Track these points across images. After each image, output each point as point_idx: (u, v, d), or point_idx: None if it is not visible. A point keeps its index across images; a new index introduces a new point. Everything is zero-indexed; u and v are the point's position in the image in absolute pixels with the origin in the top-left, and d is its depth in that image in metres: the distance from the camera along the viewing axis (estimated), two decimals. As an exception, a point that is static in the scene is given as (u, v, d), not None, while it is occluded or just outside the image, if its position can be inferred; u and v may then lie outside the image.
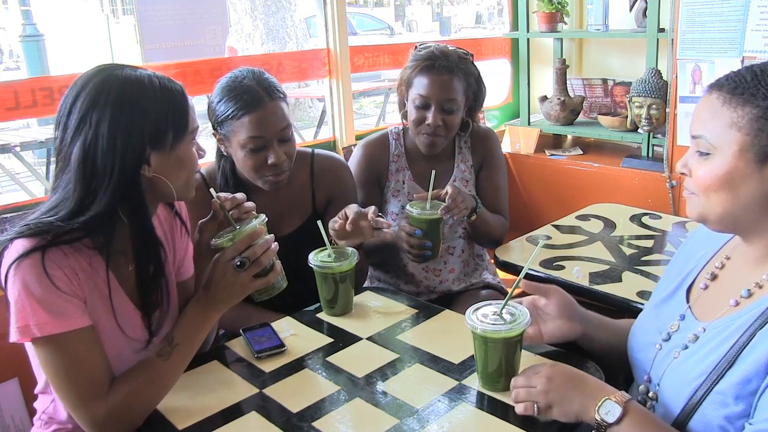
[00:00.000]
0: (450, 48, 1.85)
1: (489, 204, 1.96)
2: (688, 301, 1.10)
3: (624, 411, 0.95)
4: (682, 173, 1.02)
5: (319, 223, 1.48)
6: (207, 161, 1.76)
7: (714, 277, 1.08)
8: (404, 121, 1.95)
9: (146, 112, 1.09)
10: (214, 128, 1.60)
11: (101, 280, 1.14)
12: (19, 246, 1.06)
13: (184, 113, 1.15)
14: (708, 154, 0.95)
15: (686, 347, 1.02)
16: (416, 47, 1.89)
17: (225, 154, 1.63)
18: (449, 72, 1.79)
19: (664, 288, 1.18)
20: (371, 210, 1.47)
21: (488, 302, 1.17)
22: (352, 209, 1.49)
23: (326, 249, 1.47)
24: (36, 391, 1.30)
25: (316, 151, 1.80)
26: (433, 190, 1.66)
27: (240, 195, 1.28)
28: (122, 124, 1.08)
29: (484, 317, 1.12)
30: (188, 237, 1.39)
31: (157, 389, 1.12)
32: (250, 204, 1.29)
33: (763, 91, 0.91)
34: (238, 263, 1.14)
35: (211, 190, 1.26)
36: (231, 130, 1.54)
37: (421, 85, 1.80)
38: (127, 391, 1.09)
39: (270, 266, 1.20)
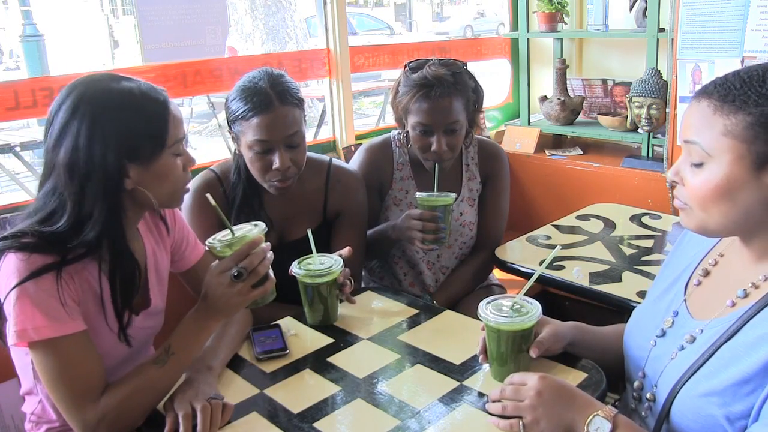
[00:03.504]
0: (441, 67, 1.75)
1: (485, 224, 1.96)
2: (684, 297, 1.09)
3: (613, 426, 0.95)
4: (674, 182, 1.00)
5: (321, 247, 1.49)
6: (223, 158, 1.77)
7: (707, 273, 1.08)
8: (404, 134, 1.88)
9: (120, 126, 1.10)
10: (228, 125, 1.61)
11: (94, 281, 1.16)
12: (19, 263, 1.07)
13: (162, 126, 1.14)
14: (702, 163, 0.94)
15: (683, 348, 1.02)
16: (406, 67, 1.80)
17: (238, 152, 1.63)
18: (447, 95, 1.72)
19: (660, 285, 1.18)
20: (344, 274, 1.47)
21: (500, 296, 1.21)
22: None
23: (311, 257, 1.46)
24: (21, 392, 1.30)
25: (334, 160, 1.78)
26: (439, 189, 1.70)
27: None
28: (97, 137, 1.09)
29: (497, 310, 1.16)
30: (184, 228, 1.40)
31: (150, 396, 1.12)
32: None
33: (754, 98, 0.90)
34: (236, 274, 1.11)
35: (208, 195, 1.18)
36: (241, 129, 1.55)
37: (420, 112, 1.73)
38: (121, 396, 1.09)
39: (266, 275, 1.17)
